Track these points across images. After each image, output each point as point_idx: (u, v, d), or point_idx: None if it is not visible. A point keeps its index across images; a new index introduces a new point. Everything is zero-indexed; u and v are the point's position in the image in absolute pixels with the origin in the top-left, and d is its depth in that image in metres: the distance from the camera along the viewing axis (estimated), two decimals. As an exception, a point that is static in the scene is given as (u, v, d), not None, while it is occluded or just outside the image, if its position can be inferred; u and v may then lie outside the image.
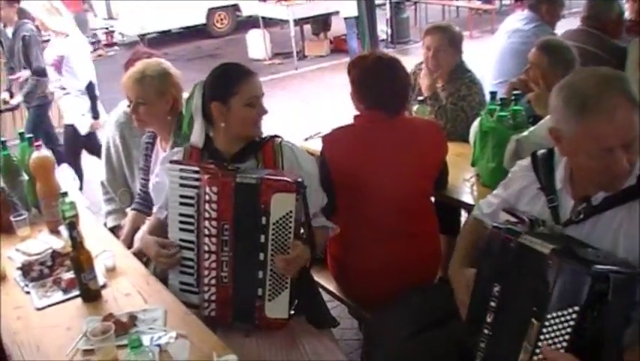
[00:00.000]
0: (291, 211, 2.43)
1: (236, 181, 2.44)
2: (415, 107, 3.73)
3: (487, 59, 4.70)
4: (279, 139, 2.72)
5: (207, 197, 2.46)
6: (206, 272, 2.50)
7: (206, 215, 2.47)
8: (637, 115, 1.89)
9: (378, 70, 2.92)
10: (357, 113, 3.00)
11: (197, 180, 2.51)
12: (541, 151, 2.27)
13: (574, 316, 1.78)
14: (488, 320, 2.04)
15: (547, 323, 1.83)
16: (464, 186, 3.25)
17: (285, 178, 2.44)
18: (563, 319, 1.80)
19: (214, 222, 2.47)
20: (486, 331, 2.05)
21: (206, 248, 2.49)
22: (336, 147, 2.93)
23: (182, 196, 2.55)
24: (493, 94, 3.33)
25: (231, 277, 2.49)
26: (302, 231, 2.52)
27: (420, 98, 3.80)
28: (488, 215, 2.42)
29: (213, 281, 2.50)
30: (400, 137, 2.91)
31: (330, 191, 2.76)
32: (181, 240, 2.58)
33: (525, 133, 2.94)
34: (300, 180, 2.45)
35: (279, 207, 2.41)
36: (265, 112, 2.63)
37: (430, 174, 2.98)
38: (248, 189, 2.42)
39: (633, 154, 1.93)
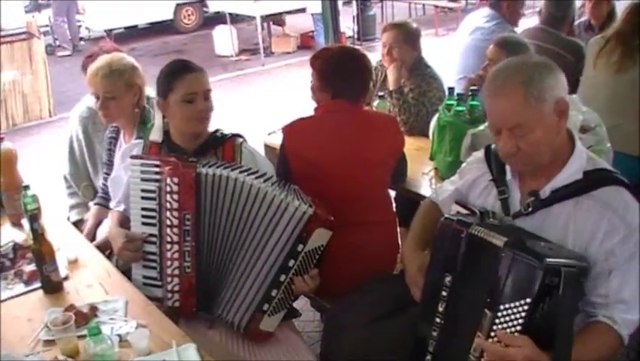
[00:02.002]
0: (322, 245, 2.49)
1: (207, 174, 2.46)
2: (375, 102, 3.79)
3: (450, 55, 4.78)
4: (240, 140, 2.76)
5: (168, 188, 2.48)
6: (168, 263, 2.51)
7: (168, 206, 2.49)
8: (526, 104, 1.94)
9: (342, 59, 2.99)
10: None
11: (158, 173, 2.53)
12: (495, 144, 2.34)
13: (525, 308, 1.82)
14: (440, 308, 2.09)
15: (499, 314, 1.87)
16: (423, 180, 3.31)
17: (329, 215, 2.48)
18: (515, 310, 1.84)
19: (175, 213, 2.48)
20: (438, 320, 2.10)
21: (169, 239, 2.50)
22: (296, 137, 2.96)
23: (143, 190, 2.56)
24: (451, 89, 3.40)
25: (194, 266, 2.50)
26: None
27: (380, 93, 3.86)
28: (442, 201, 2.50)
29: (176, 272, 2.50)
30: (358, 127, 2.96)
31: (287, 181, 2.79)
32: (143, 234, 2.59)
33: (481, 127, 3.01)
34: None
35: (316, 240, 2.46)
36: (209, 109, 2.65)
37: (385, 163, 3.01)
38: (295, 214, 2.43)
39: (519, 139, 1.97)
